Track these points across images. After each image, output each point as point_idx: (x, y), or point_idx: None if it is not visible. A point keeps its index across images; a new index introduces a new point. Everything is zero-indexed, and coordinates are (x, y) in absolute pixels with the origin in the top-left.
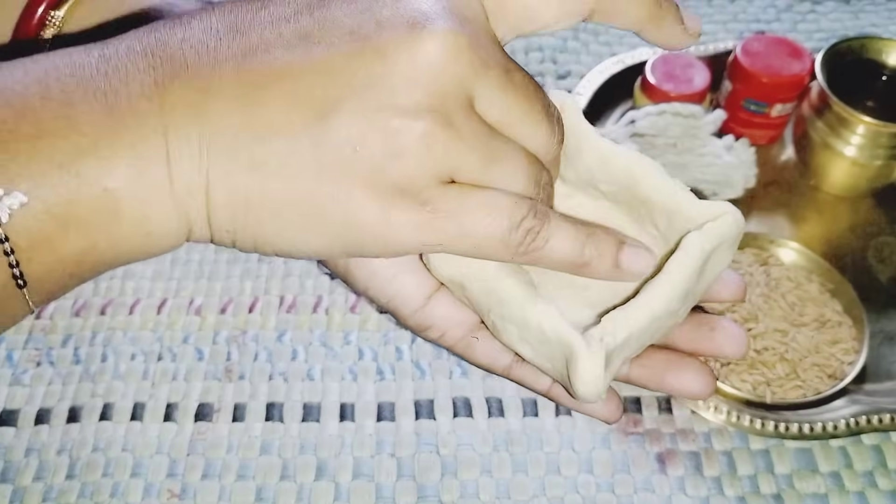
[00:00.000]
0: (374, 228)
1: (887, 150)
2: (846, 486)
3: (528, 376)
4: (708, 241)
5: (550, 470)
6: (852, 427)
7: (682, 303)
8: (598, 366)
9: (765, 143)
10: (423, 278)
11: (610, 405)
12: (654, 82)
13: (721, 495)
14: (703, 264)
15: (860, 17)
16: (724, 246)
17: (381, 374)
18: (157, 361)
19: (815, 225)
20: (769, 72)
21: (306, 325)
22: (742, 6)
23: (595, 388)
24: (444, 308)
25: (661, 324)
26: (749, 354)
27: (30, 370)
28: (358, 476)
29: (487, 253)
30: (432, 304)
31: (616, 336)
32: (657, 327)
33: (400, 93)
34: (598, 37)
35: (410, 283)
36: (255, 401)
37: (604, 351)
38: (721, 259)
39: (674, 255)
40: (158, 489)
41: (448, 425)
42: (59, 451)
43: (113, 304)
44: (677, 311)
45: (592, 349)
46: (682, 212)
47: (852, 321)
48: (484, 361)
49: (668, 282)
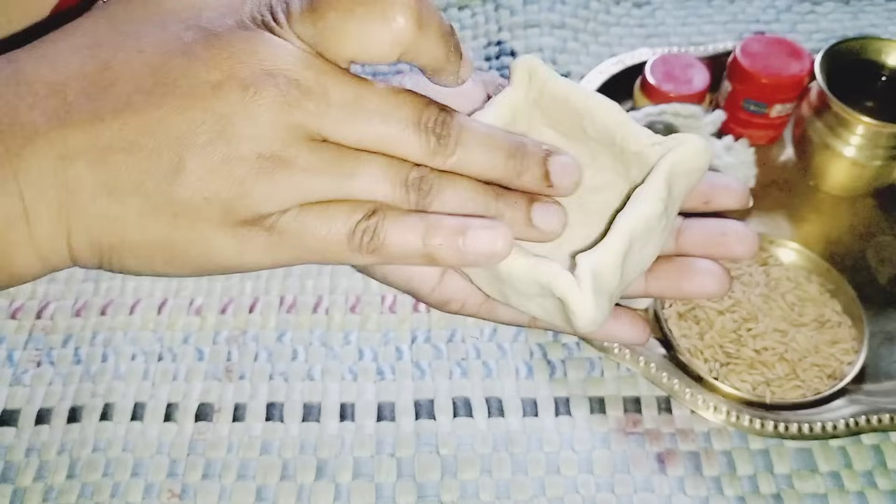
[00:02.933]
0: (230, 259)
1: (886, 150)
2: (845, 486)
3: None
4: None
5: (550, 470)
6: (852, 427)
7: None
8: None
9: (764, 143)
10: None
11: (635, 328)
12: (653, 83)
13: (721, 495)
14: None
15: (859, 17)
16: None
17: (381, 374)
18: (158, 361)
19: (814, 225)
20: (769, 72)
21: (306, 325)
22: (741, 6)
23: (591, 318)
24: (457, 281)
25: (643, 244)
26: (749, 354)
27: (30, 370)
28: (358, 476)
29: (336, 258)
30: (447, 279)
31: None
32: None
33: (240, 145)
34: (598, 37)
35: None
36: (255, 401)
37: (588, 280)
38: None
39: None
40: (159, 489)
41: (448, 425)
42: (59, 450)
43: (113, 305)
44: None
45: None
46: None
47: (852, 321)
48: (509, 320)
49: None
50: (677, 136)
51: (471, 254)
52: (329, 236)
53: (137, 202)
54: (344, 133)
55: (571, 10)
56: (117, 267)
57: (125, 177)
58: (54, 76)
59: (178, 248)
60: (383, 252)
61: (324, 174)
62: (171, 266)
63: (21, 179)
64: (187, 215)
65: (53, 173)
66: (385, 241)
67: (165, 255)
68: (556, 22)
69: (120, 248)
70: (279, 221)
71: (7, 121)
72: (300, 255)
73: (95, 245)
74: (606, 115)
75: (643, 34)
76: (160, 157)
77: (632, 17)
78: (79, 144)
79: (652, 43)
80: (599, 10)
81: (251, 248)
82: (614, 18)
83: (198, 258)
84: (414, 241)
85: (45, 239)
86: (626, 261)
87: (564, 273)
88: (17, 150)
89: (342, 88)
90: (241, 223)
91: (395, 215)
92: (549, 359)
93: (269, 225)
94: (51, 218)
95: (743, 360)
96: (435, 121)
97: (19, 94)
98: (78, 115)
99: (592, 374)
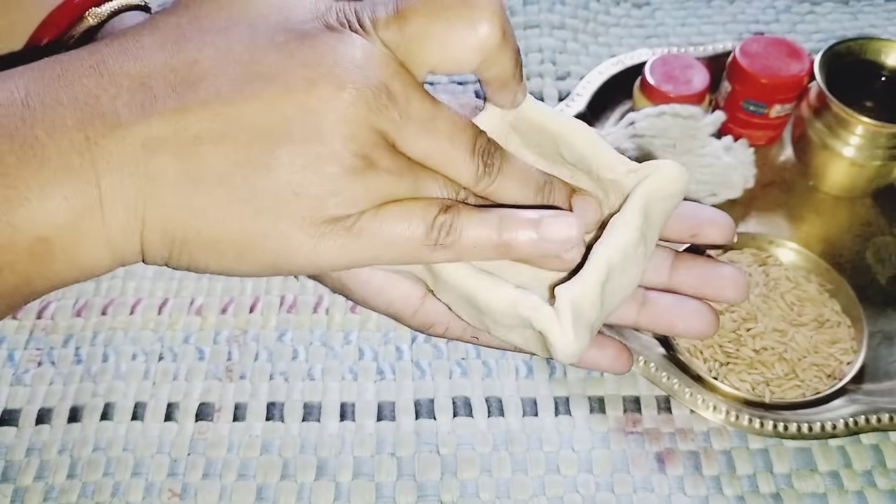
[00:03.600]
0: (304, 257)
1: (886, 150)
2: (845, 485)
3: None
4: (643, 196)
5: (550, 469)
6: (851, 427)
7: (635, 249)
8: (568, 331)
9: (764, 143)
10: (414, 280)
11: (620, 359)
12: (653, 83)
13: (720, 495)
14: (644, 215)
15: (859, 17)
16: (663, 195)
17: (382, 374)
18: (158, 361)
19: (813, 225)
20: (768, 73)
21: (307, 324)
22: (741, 7)
23: (572, 351)
24: (439, 305)
25: (622, 272)
26: (748, 354)
27: (31, 370)
28: (358, 475)
29: (412, 255)
30: (428, 303)
31: (574, 296)
32: (620, 276)
33: (334, 143)
34: (598, 38)
35: (404, 287)
36: (255, 400)
37: (567, 313)
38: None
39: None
40: (159, 489)
41: (448, 425)
42: (60, 450)
43: (114, 304)
44: (632, 257)
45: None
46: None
47: (851, 321)
48: (495, 345)
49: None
50: (651, 163)
51: (548, 242)
52: (408, 233)
53: (221, 194)
54: (415, 146)
55: (571, 10)
56: (186, 262)
57: (212, 168)
58: (139, 69)
59: (255, 244)
60: (459, 246)
61: (403, 178)
62: (241, 263)
63: (100, 168)
64: (272, 210)
65: (134, 163)
66: (462, 234)
67: (239, 250)
68: (556, 22)
69: (195, 241)
70: (359, 221)
71: (89, 110)
72: (377, 253)
73: (169, 237)
74: (582, 142)
75: (643, 35)
76: (250, 150)
77: (631, 18)
78: (164, 134)
79: (651, 43)
80: (599, 10)
81: (328, 247)
82: (614, 19)
83: (272, 255)
84: (489, 234)
85: (119, 230)
86: (606, 290)
87: (544, 307)
88: (97, 138)
89: (421, 103)
90: (325, 221)
91: (469, 209)
92: (549, 358)
93: (350, 224)
94: (127, 208)
95: (742, 359)
96: (485, 149)
97: (102, 84)
98: (164, 106)
99: (592, 373)
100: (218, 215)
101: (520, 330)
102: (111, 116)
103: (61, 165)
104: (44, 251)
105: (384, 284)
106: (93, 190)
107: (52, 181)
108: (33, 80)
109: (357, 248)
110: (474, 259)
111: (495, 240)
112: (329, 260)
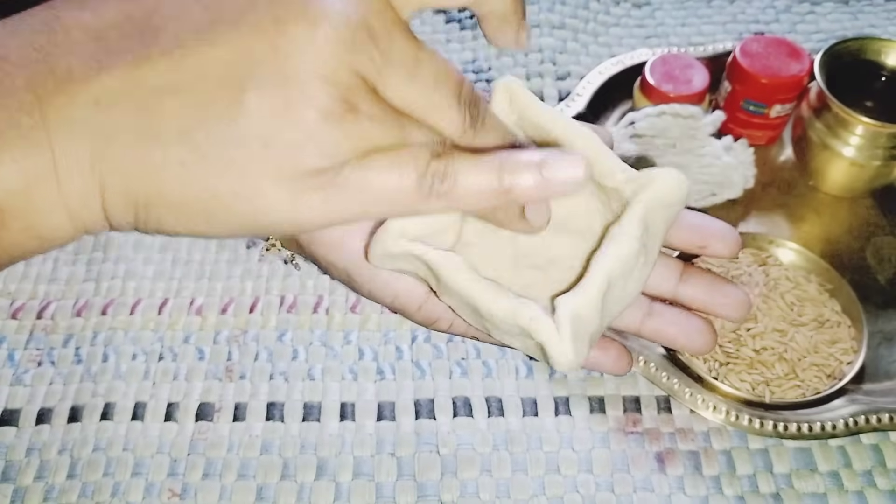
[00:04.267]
0: (282, 215)
1: (886, 150)
2: (845, 485)
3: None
4: (643, 205)
5: (550, 469)
6: (851, 427)
7: (636, 259)
8: (567, 343)
9: (764, 143)
10: (418, 278)
11: (620, 360)
12: (653, 83)
13: (720, 494)
14: (644, 226)
15: (859, 17)
16: (664, 204)
17: (382, 374)
18: (158, 361)
19: (813, 225)
20: (768, 73)
21: (307, 324)
22: (741, 7)
23: (570, 363)
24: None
25: (624, 282)
26: (748, 354)
27: (31, 370)
28: (358, 475)
29: (404, 207)
30: (433, 298)
31: (574, 307)
32: (622, 286)
33: (308, 86)
34: (598, 38)
35: (410, 281)
36: (255, 400)
37: (567, 325)
38: (667, 215)
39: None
40: (159, 488)
41: (448, 425)
42: (60, 450)
43: (114, 305)
44: (633, 268)
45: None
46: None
47: (851, 321)
48: (500, 343)
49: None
50: (650, 171)
51: (555, 182)
52: (398, 182)
53: (184, 150)
54: (397, 92)
55: (571, 10)
56: (154, 226)
57: (172, 122)
58: (94, 21)
59: (224, 204)
60: (455, 194)
61: (388, 125)
62: (211, 224)
63: (52, 129)
64: (240, 165)
65: (88, 121)
66: (458, 181)
67: (209, 210)
68: (556, 22)
69: (158, 203)
70: (342, 171)
71: (40, 68)
72: (364, 207)
73: (132, 199)
74: (581, 148)
75: (643, 35)
76: (214, 100)
77: (631, 18)
78: (119, 89)
79: (651, 43)
80: (599, 10)
81: (309, 202)
82: (614, 19)
83: (245, 215)
84: (488, 180)
85: (77, 195)
86: (606, 300)
87: (544, 318)
88: (47, 97)
89: (405, 46)
90: (303, 174)
91: (463, 154)
92: None
93: (332, 176)
94: (83, 170)
95: (742, 359)
96: (471, 99)
97: (54, 40)
98: (120, 59)
99: (592, 373)
100: (181, 174)
101: (521, 337)
102: (63, 73)
103: (9, 126)
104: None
105: (390, 278)
106: (45, 152)
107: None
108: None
109: (341, 201)
110: (471, 207)
111: (495, 186)
112: (311, 217)
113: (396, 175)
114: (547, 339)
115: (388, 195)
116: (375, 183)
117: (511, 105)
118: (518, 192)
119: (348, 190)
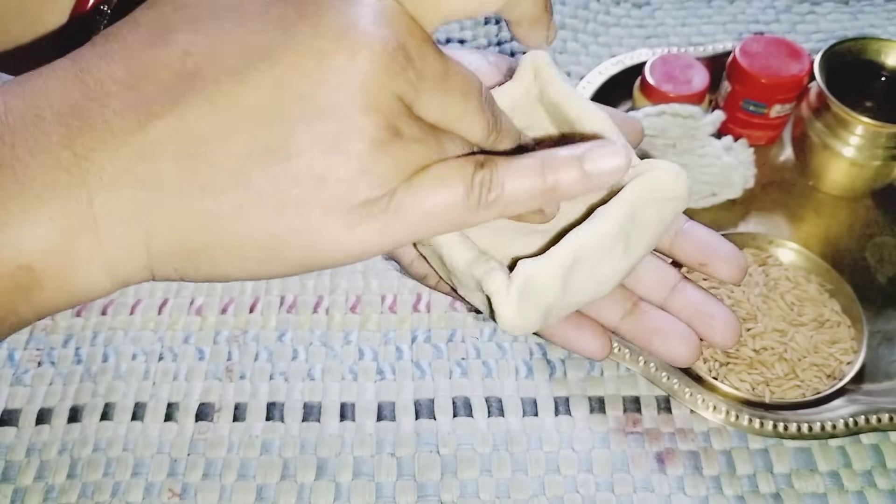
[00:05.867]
0: (340, 248)
1: (886, 150)
2: (845, 485)
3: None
4: (632, 192)
5: (550, 469)
6: (851, 427)
7: (612, 243)
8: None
9: (763, 143)
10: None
11: (596, 341)
12: (653, 83)
13: (720, 494)
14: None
15: (859, 17)
16: (657, 197)
17: (382, 374)
18: (158, 361)
19: (813, 225)
20: (768, 73)
21: (307, 324)
22: (741, 7)
23: (510, 321)
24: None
25: (595, 263)
26: (748, 354)
27: (31, 370)
28: (358, 475)
29: (455, 222)
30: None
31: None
32: (592, 267)
33: (356, 117)
34: (598, 38)
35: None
36: (255, 400)
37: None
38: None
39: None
40: (159, 488)
41: (448, 425)
42: (60, 450)
43: (114, 305)
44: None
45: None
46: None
47: (851, 321)
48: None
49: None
50: (650, 161)
51: (598, 174)
52: (449, 198)
53: (240, 193)
54: (432, 107)
55: (571, 10)
56: (205, 271)
57: (221, 167)
58: (126, 71)
59: (282, 242)
60: (503, 200)
61: (428, 142)
62: (268, 265)
63: (92, 185)
64: (297, 202)
65: (133, 175)
66: (505, 187)
67: (265, 251)
68: (556, 22)
69: (213, 249)
70: (394, 197)
71: (76, 124)
72: (418, 229)
73: (182, 248)
74: (591, 131)
75: (643, 35)
76: (264, 140)
77: (631, 18)
78: (163, 140)
79: (651, 43)
80: (599, 10)
81: (365, 233)
82: (614, 19)
83: (302, 252)
84: (533, 182)
85: (118, 248)
86: (573, 277)
87: (498, 272)
88: (86, 153)
89: (435, 61)
90: (357, 205)
91: (505, 159)
92: (549, 358)
93: (385, 204)
94: (126, 223)
95: (742, 359)
96: (490, 101)
97: (88, 94)
98: (158, 108)
99: (592, 373)
100: (239, 217)
101: (478, 293)
102: (101, 128)
103: (46, 186)
104: (28, 279)
105: None
106: (84, 210)
107: (35, 203)
108: (12, 95)
109: (397, 228)
110: (520, 211)
111: (540, 186)
112: (367, 247)
113: (445, 190)
114: (494, 292)
115: (439, 212)
116: (427, 204)
117: (535, 80)
118: (562, 189)
119: (401, 215)
